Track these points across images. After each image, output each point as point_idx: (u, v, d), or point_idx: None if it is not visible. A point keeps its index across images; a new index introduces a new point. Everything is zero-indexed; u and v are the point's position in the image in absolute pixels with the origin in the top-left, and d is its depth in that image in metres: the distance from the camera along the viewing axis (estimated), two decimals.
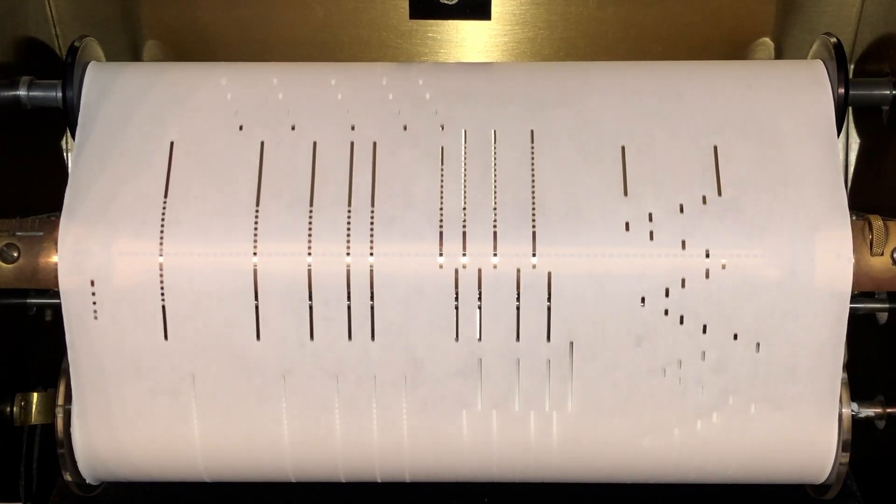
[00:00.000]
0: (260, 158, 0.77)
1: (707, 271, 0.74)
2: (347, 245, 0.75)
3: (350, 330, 0.76)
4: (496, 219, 0.75)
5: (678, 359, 0.76)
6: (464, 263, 0.75)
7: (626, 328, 0.75)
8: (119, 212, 0.75)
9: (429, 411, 0.77)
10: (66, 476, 0.80)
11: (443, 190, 0.76)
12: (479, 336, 0.76)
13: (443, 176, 0.76)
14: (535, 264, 0.74)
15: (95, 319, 0.75)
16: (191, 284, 0.75)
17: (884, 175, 0.83)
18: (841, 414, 0.77)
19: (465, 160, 0.77)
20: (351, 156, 0.77)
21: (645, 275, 0.74)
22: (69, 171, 0.78)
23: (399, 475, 0.81)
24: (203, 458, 0.79)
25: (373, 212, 0.75)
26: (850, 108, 0.85)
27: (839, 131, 0.79)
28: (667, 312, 0.75)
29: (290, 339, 0.75)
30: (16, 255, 0.76)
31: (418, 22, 0.90)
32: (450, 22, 0.90)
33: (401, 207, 0.75)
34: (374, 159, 0.77)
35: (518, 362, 0.76)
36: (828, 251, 0.74)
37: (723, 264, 0.74)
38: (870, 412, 0.80)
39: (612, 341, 0.75)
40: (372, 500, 0.86)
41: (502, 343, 0.76)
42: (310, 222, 0.75)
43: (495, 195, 0.75)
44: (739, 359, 0.75)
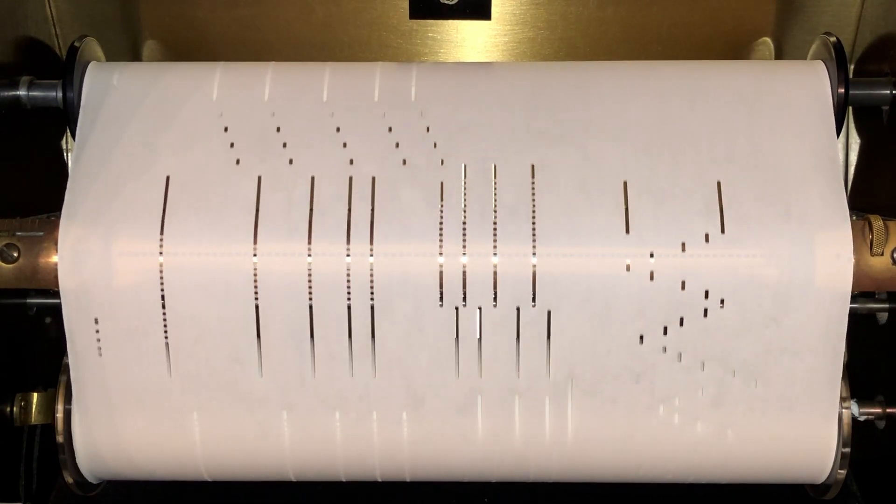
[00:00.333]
0: (257, 194, 0.76)
1: (705, 311, 0.75)
2: (348, 277, 0.75)
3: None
4: (496, 256, 0.75)
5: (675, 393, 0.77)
6: (464, 301, 0.75)
7: (624, 364, 0.76)
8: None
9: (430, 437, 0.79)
10: (66, 475, 0.80)
11: (442, 228, 0.75)
12: (480, 372, 0.77)
13: (442, 212, 0.75)
14: (536, 302, 0.75)
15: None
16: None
17: (884, 175, 0.83)
18: (841, 414, 0.78)
19: (465, 195, 0.76)
20: (349, 191, 0.76)
21: (644, 313, 0.75)
22: (69, 171, 0.78)
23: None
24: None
25: (372, 249, 0.75)
26: (850, 108, 0.85)
27: (839, 131, 0.79)
28: (665, 350, 0.76)
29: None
30: (16, 255, 0.76)
31: (418, 22, 0.90)
32: (450, 22, 0.90)
33: (401, 244, 0.75)
34: (372, 195, 0.76)
35: (517, 397, 0.77)
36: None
37: (721, 300, 0.75)
38: (870, 412, 0.80)
39: (612, 377, 0.76)
40: (372, 500, 0.86)
41: (502, 379, 0.77)
42: (309, 262, 0.75)
43: (495, 233, 0.75)
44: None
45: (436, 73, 0.81)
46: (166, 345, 0.76)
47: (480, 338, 0.76)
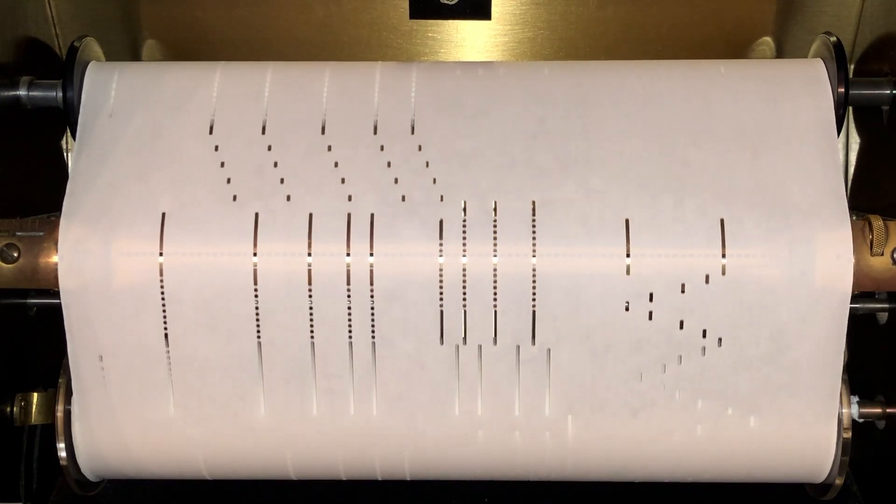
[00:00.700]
0: (255, 232, 0.75)
1: (703, 349, 0.76)
2: (349, 313, 0.75)
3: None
4: (496, 294, 0.75)
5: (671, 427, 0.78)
6: (464, 338, 0.76)
7: (622, 400, 0.77)
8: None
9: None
10: (67, 474, 0.80)
11: (442, 266, 0.75)
12: (479, 410, 0.77)
13: (442, 251, 0.75)
14: (535, 341, 0.75)
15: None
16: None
17: (884, 175, 0.83)
18: (841, 414, 0.78)
19: (465, 233, 0.75)
20: (348, 229, 0.75)
21: (642, 350, 0.76)
22: (69, 171, 0.78)
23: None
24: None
25: (372, 289, 0.75)
26: (850, 108, 0.85)
27: (839, 131, 0.79)
28: (664, 386, 0.76)
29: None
30: (16, 255, 0.76)
31: (418, 22, 0.90)
32: (450, 22, 0.90)
33: (401, 284, 0.75)
34: (371, 233, 0.75)
35: (516, 432, 0.78)
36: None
37: (719, 339, 0.75)
38: (870, 412, 0.80)
39: (610, 412, 0.77)
40: (372, 500, 0.86)
41: (501, 414, 0.77)
42: (310, 294, 0.75)
43: (495, 273, 0.75)
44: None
45: (433, 98, 0.79)
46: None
47: (481, 375, 0.77)
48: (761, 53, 0.91)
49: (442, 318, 0.75)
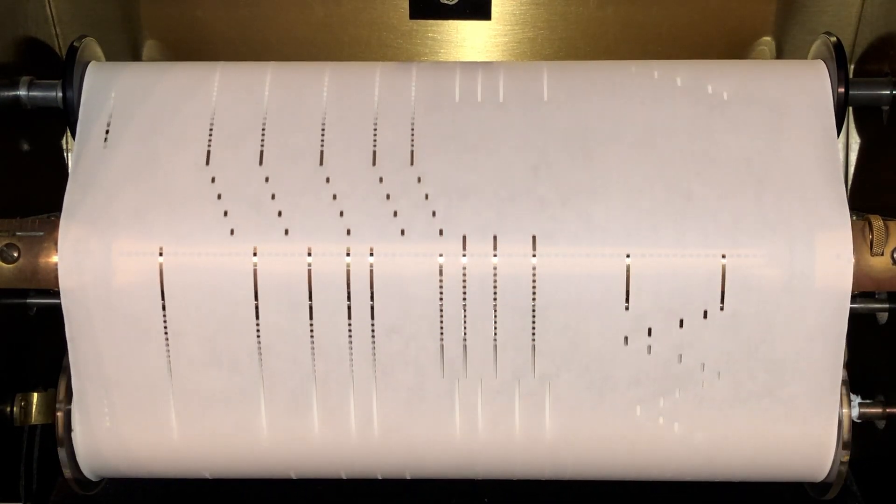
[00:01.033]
0: (254, 268, 0.75)
1: (702, 382, 0.76)
2: (350, 350, 0.76)
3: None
4: (497, 328, 0.76)
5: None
6: (465, 374, 0.76)
7: (620, 432, 0.78)
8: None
9: None
10: (67, 473, 0.80)
11: (442, 301, 0.75)
12: (479, 436, 0.78)
13: (442, 285, 0.75)
14: (535, 373, 0.76)
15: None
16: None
17: (884, 175, 0.83)
18: (841, 414, 0.78)
19: (465, 269, 0.75)
20: (348, 263, 0.75)
21: (640, 384, 0.76)
22: (69, 171, 0.78)
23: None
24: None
25: (373, 325, 0.76)
26: (850, 108, 0.85)
27: (839, 131, 0.79)
28: (661, 419, 0.77)
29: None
30: (16, 255, 0.76)
31: (418, 22, 0.90)
32: (450, 22, 0.90)
33: (402, 319, 0.75)
34: (371, 269, 0.75)
35: (516, 455, 0.79)
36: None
37: (718, 373, 0.76)
38: (870, 412, 0.80)
39: (607, 442, 0.78)
40: (372, 500, 0.86)
41: (501, 447, 0.78)
42: (311, 331, 0.76)
43: (495, 303, 0.75)
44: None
45: (433, 128, 0.78)
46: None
47: (479, 410, 0.78)
48: (761, 53, 0.91)
49: (442, 351, 0.76)
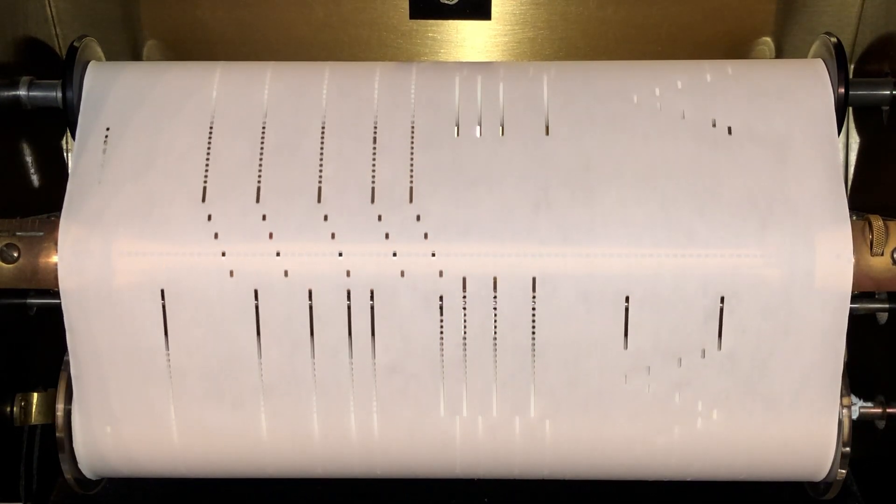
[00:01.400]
0: (256, 310, 0.75)
1: (698, 420, 0.77)
2: (353, 387, 0.77)
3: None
4: (497, 368, 0.76)
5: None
6: (464, 415, 0.77)
7: (617, 474, 0.80)
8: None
9: None
10: (67, 473, 0.80)
11: (443, 340, 0.76)
12: (477, 473, 0.80)
13: (442, 325, 0.75)
14: (534, 415, 0.77)
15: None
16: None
17: (884, 175, 0.83)
18: (841, 414, 0.78)
19: (465, 309, 0.75)
20: (349, 304, 0.75)
21: (637, 422, 0.77)
22: (69, 171, 0.78)
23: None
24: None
25: (374, 364, 0.76)
26: (850, 108, 0.85)
27: (839, 131, 0.79)
28: (656, 455, 0.78)
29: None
30: (16, 255, 0.76)
31: (418, 22, 0.90)
32: (450, 22, 0.90)
33: (402, 358, 0.76)
34: (371, 308, 0.75)
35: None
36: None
37: (713, 414, 0.77)
38: (870, 412, 0.80)
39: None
40: (372, 500, 0.86)
41: (499, 476, 0.80)
42: (314, 371, 0.77)
43: (495, 346, 0.76)
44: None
45: (432, 163, 0.76)
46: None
47: (478, 454, 0.78)
48: (761, 53, 0.91)
49: (442, 389, 0.77)
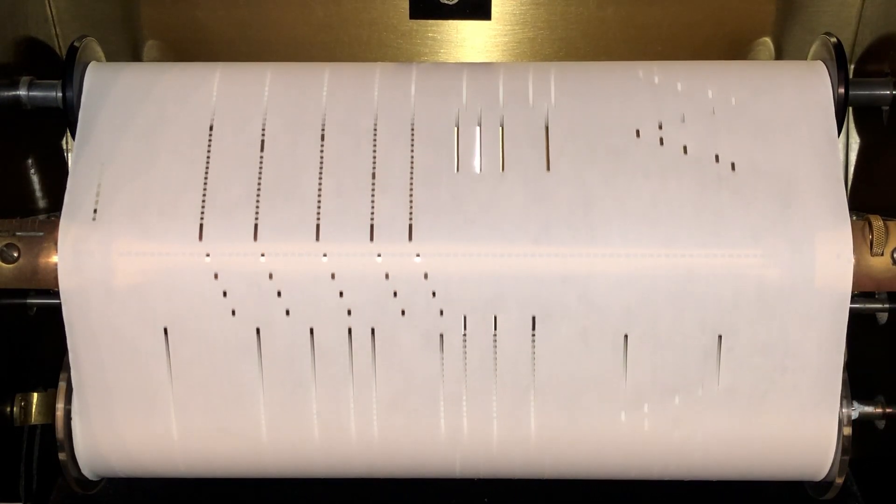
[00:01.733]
0: (258, 346, 0.76)
1: (692, 453, 0.78)
2: (352, 429, 0.78)
3: None
4: (496, 405, 0.77)
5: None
6: (464, 453, 0.78)
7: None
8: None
9: None
10: (67, 473, 0.80)
11: (444, 380, 0.76)
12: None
13: (443, 364, 0.76)
14: (533, 444, 0.78)
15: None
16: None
17: (884, 175, 0.83)
18: (841, 414, 0.78)
19: (466, 348, 0.76)
20: (350, 343, 0.76)
21: (633, 459, 0.78)
22: (69, 171, 0.78)
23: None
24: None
25: (375, 400, 0.77)
26: (850, 108, 0.85)
27: (839, 131, 0.79)
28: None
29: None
30: (16, 255, 0.76)
31: (418, 22, 0.90)
32: (450, 22, 0.90)
33: (403, 394, 0.76)
34: (373, 348, 0.76)
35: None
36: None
37: (708, 448, 0.77)
38: (870, 412, 0.80)
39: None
40: (372, 500, 0.86)
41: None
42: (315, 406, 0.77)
43: (496, 382, 0.76)
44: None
45: (431, 199, 0.76)
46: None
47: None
48: (761, 53, 0.91)
49: (442, 426, 0.77)
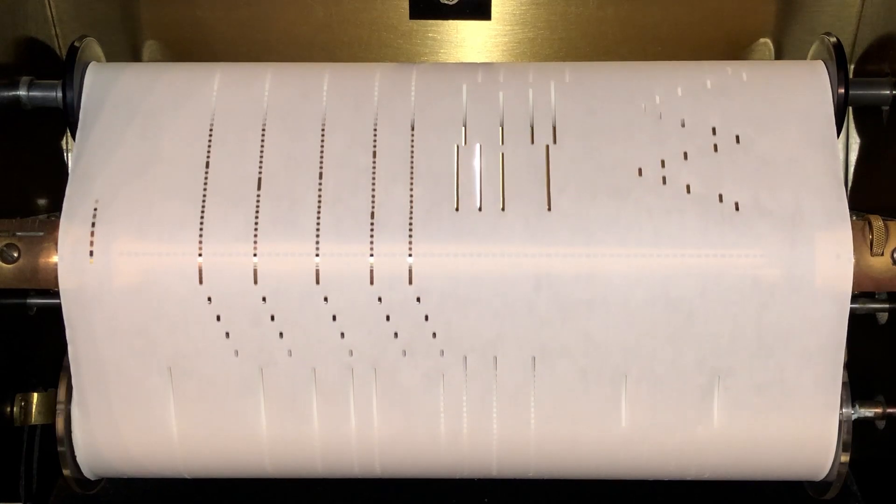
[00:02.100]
0: (262, 385, 0.76)
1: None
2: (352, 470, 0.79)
3: None
4: (496, 451, 0.78)
5: None
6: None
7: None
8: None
9: None
10: (66, 472, 0.80)
11: (444, 420, 0.77)
12: None
13: (444, 405, 0.76)
14: (532, 481, 0.79)
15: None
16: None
17: (884, 175, 0.83)
18: (841, 414, 0.78)
19: (466, 386, 0.76)
20: (352, 383, 0.76)
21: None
22: (69, 171, 0.78)
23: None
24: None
25: (376, 435, 0.77)
26: (850, 108, 0.85)
27: (839, 131, 0.79)
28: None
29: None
30: (16, 255, 0.76)
31: (418, 22, 0.90)
32: (450, 22, 0.90)
33: (403, 436, 0.77)
34: (375, 387, 0.76)
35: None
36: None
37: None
38: (870, 412, 0.80)
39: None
40: (372, 500, 0.86)
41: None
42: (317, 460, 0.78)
43: (495, 424, 0.77)
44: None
45: (429, 240, 0.75)
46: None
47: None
48: (761, 54, 0.91)
49: (442, 465, 0.79)
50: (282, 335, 0.75)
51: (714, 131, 0.77)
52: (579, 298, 0.74)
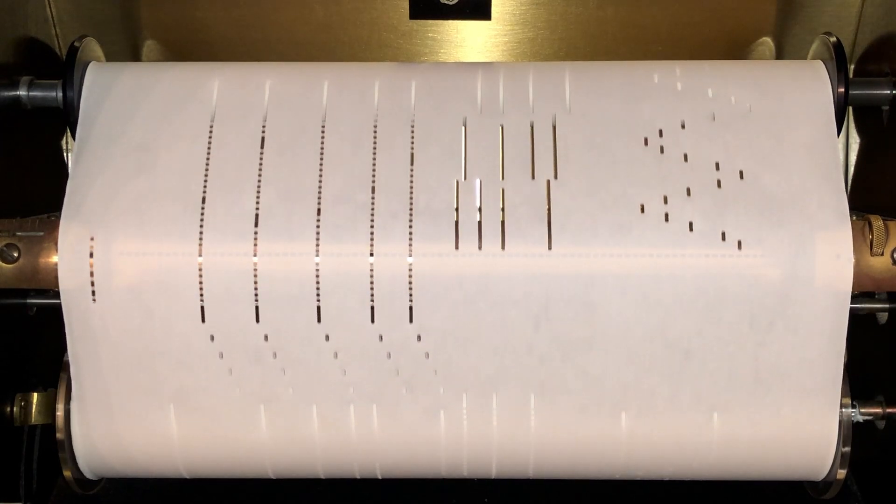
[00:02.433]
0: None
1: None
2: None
3: None
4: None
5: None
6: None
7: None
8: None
9: None
10: (66, 472, 0.80)
11: (444, 455, 0.77)
12: None
13: (444, 443, 0.77)
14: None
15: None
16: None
17: (884, 175, 0.83)
18: (841, 414, 0.78)
19: (466, 422, 0.77)
20: (354, 420, 0.77)
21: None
22: (69, 171, 0.78)
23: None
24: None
25: (378, 468, 0.78)
26: (850, 108, 0.85)
27: (839, 131, 0.79)
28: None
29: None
30: (16, 255, 0.76)
31: (418, 22, 0.90)
32: (450, 22, 0.90)
33: (405, 471, 0.78)
34: (375, 427, 0.77)
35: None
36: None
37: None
38: (870, 412, 0.80)
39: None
40: (372, 500, 0.86)
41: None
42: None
43: (495, 462, 0.78)
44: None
45: (430, 279, 0.74)
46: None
47: None
48: (761, 53, 0.91)
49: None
50: (284, 372, 0.76)
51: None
52: (578, 336, 0.75)
